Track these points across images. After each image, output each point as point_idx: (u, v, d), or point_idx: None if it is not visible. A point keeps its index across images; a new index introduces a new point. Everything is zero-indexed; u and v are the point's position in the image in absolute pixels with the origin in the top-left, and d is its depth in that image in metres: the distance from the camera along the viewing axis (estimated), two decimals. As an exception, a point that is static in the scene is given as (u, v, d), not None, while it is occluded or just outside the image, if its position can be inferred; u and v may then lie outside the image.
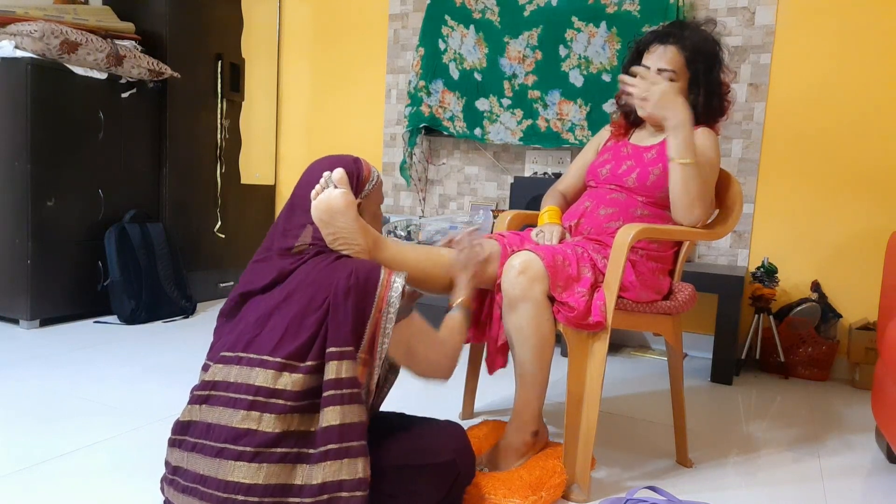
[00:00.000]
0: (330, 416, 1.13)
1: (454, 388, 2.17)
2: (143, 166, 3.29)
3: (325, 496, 1.11)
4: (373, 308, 1.20)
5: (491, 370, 1.81)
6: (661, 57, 1.73)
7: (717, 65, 1.75)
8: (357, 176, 1.35)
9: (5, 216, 2.84)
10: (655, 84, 1.65)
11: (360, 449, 1.14)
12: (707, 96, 1.75)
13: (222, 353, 1.19)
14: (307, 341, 1.16)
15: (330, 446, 1.12)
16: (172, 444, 1.19)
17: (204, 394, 1.17)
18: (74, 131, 2.94)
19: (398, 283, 1.23)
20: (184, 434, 1.17)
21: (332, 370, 1.14)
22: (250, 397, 1.12)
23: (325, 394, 1.13)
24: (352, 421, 1.13)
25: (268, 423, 1.10)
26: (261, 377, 1.13)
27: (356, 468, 1.12)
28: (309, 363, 1.15)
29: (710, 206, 1.72)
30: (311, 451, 1.13)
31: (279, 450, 1.11)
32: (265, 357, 1.15)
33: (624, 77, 1.70)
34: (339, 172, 1.28)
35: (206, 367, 1.25)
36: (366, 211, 1.37)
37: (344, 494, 1.11)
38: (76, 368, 2.35)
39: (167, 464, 1.20)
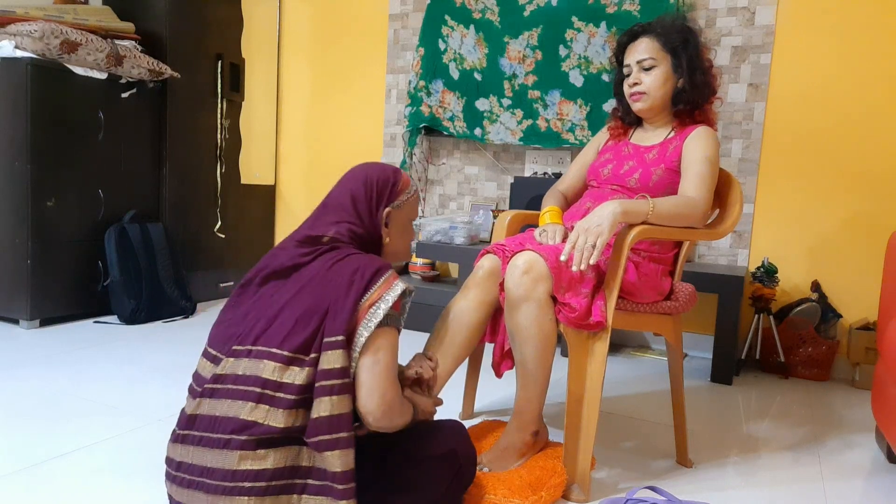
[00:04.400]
0: (321, 407, 1.13)
1: (454, 387, 2.16)
2: (143, 166, 3.29)
3: (326, 482, 1.13)
4: (366, 300, 1.20)
5: (499, 374, 1.82)
6: (636, 49, 1.77)
7: (691, 38, 1.76)
8: (394, 183, 1.37)
9: (5, 216, 2.84)
10: (582, 231, 1.51)
11: (349, 440, 1.14)
12: (690, 71, 1.75)
13: (234, 347, 1.20)
14: (311, 335, 1.17)
15: (320, 437, 1.13)
16: (177, 439, 1.19)
17: (210, 387, 1.17)
18: (74, 131, 2.94)
19: (398, 287, 1.23)
20: (189, 428, 1.17)
21: (325, 361, 1.15)
22: (258, 389, 1.13)
23: (316, 384, 1.14)
24: (341, 412, 1.14)
25: (274, 418, 1.12)
26: (268, 369, 1.14)
27: (345, 459, 1.13)
28: (312, 355, 1.16)
29: (710, 205, 1.72)
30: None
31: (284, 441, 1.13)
32: (273, 350, 1.16)
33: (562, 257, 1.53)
34: None
35: (208, 356, 1.23)
36: (394, 221, 1.37)
37: (338, 486, 1.12)
38: (76, 368, 2.35)
39: (170, 461, 1.20)
